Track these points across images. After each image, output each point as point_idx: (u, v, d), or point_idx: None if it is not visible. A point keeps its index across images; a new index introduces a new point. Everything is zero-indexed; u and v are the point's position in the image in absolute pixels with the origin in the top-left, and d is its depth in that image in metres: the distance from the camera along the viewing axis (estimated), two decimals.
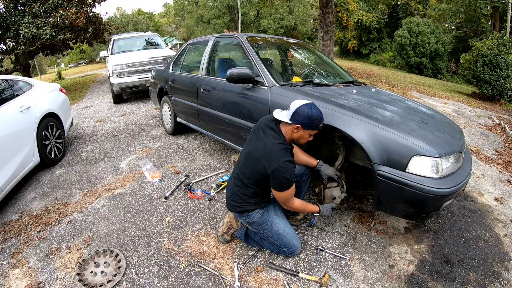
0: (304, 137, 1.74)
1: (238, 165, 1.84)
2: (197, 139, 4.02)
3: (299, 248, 1.88)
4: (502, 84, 8.56)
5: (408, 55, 18.19)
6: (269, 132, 1.72)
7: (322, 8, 7.56)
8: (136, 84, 5.91)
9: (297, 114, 1.66)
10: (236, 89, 2.60)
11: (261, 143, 1.69)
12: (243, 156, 1.80)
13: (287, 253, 1.87)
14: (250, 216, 1.80)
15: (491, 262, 1.91)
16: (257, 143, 1.72)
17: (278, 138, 1.68)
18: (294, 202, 1.75)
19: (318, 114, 1.68)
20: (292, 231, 1.87)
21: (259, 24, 33.37)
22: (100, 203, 2.58)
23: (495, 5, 18.19)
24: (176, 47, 29.78)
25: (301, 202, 1.80)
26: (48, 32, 7.54)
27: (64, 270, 1.86)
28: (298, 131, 1.70)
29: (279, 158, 1.59)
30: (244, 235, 1.97)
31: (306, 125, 1.67)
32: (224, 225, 2.03)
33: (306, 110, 1.66)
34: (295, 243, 1.84)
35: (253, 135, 1.81)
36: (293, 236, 1.85)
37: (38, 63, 27.18)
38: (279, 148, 1.63)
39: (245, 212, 1.80)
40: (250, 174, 1.71)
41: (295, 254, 1.89)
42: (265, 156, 1.63)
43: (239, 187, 1.78)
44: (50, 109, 3.49)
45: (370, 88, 2.74)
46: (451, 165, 1.69)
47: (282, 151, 1.62)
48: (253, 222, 1.81)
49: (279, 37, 3.64)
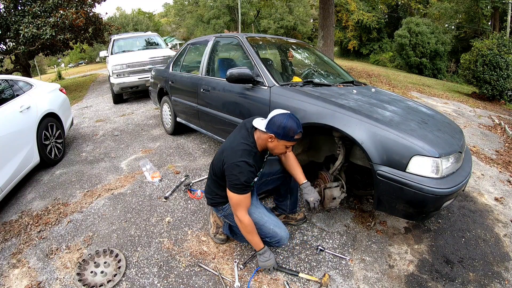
0: (279, 147, 1.67)
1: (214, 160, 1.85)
2: (197, 139, 4.02)
3: (285, 237, 1.73)
4: (502, 84, 8.56)
5: (408, 55, 18.19)
6: (242, 132, 1.73)
7: (322, 8, 7.56)
8: (136, 84, 5.91)
9: (271, 123, 1.62)
10: (236, 89, 2.60)
11: (230, 139, 1.73)
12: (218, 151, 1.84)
13: (272, 244, 1.76)
14: (224, 209, 1.81)
15: (491, 262, 1.91)
16: (228, 138, 1.76)
17: (246, 139, 1.67)
18: (245, 216, 1.62)
19: (293, 125, 1.60)
20: (272, 219, 1.76)
21: (259, 24, 33.37)
22: (100, 203, 2.58)
23: (495, 5, 18.19)
24: (176, 47, 29.80)
25: (251, 223, 1.64)
26: (48, 32, 7.54)
27: (64, 270, 1.86)
28: (272, 141, 1.64)
29: (237, 155, 1.59)
30: (229, 230, 1.96)
31: (280, 135, 1.61)
32: (212, 226, 2.07)
33: (280, 119, 1.61)
34: (277, 231, 1.72)
35: (232, 132, 1.84)
36: (273, 224, 1.74)
37: (38, 63, 27.17)
38: (242, 147, 1.62)
39: (218, 205, 1.82)
40: (215, 167, 1.73)
41: (283, 243, 1.75)
42: (226, 150, 1.66)
43: (211, 181, 1.83)
44: (50, 109, 3.49)
45: (370, 88, 2.74)
46: (451, 165, 1.69)
47: (244, 151, 1.61)
48: (228, 214, 1.81)
49: (279, 37, 3.64)
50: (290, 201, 2.12)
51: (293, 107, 2.11)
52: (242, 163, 1.56)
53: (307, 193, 1.82)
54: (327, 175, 2.07)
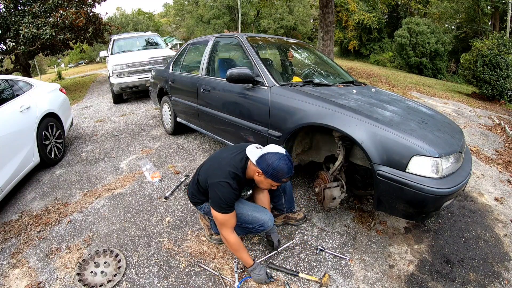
0: (264, 184, 1.63)
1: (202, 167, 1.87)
2: (197, 139, 4.02)
3: (267, 219, 1.73)
4: (502, 84, 8.57)
5: (408, 55, 18.19)
6: (237, 156, 1.69)
7: (322, 8, 7.55)
8: (136, 84, 5.91)
9: (263, 159, 1.57)
10: (236, 89, 2.60)
11: (223, 156, 1.72)
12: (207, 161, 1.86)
13: (255, 230, 1.76)
14: (203, 207, 1.90)
15: (491, 262, 1.91)
16: (222, 154, 1.77)
17: (237, 164, 1.65)
18: (230, 235, 1.61)
19: (283, 169, 1.54)
20: (249, 205, 1.78)
21: (259, 24, 33.37)
22: (100, 203, 2.58)
23: (495, 5, 18.19)
24: (176, 47, 29.80)
25: (238, 241, 1.62)
26: (48, 32, 7.53)
27: (64, 270, 1.86)
28: (259, 175, 1.61)
29: (222, 175, 1.58)
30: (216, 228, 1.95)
31: (268, 173, 1.56)
32: (205, 229, 2.10)
33: (273, 159, 1.55)
34: (256, 215, 1.72)
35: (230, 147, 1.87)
36: (251, 209, 1.75)
37: (38, 63, 27.18)
38: (229, 169, 1.60)
39: (197, 204, 1.92)
40: (201, 178, 1.76)
41: (266, 226, 1.76)
42: (214, 166, 1.68)
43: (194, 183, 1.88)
44: (50, 109, 3.49)
45: (370, 88, 2.74)
46: (451, 165, 1.69)
47: (229, 173, 1.59)
48: (208, 212, 1.87)
49: (279, 37, 3.64)
50: (285, 199, 2.13)
51: (293, 107, 2.11)
52: (225, 184, 1.56)
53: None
54: (327, 175, 2.07)
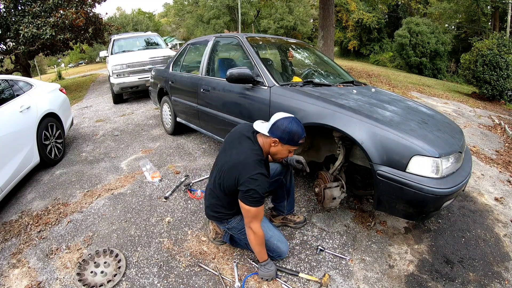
0: (282, 152, 1.64)
1: (212, 176, 1.77)
2: (197, 139, 4.02)
3: (285, 252, 1.81)
4: (502, 84, 8.56)
5: (408, 55, 18.19)
6: (245, 142, 1.65)
7: (322, 8, 7.56)
8: (136, 84, 5.91)
9: (275, 127, 1.58)
10: (236, 89, 2.60)
11: (236, 152, 1.63)
12: (218, 167, 1.72)
13: (273, 257, 1.80)
14: (229, 222, 1.78)
15: (491, 262, 1.91)
16: (231, 153, 1.65)
17: (254, 149, 1.61)
18: (259, 228, 1.61)
19: (298, 129, 1.58)
20: (276, 234, 1.80)
21: (259, 24, 33.36)
22: (100, 203, 2.58)
23: (495, 5, 18.19)
24: (176, 47, 29.79)
25: (262, 236, 1.63)
26: (48, 32, 7.53)
27: (64, 270, 1.86)
28: (275, 145, 1.61)
29: (252, 169, 1.52)
30: (230, 239, 1.95)
31: (284, 139, 1.58)
32: (211, 232, 2.05)
33: (285, 123, 1.57)
34: (280, 246, 1.77)
35: (228, 145, 1.74)
36: (277, 239, 1.77)
37: (38, 63, 27.16)
38: (254, 159, 1.56)
39: (223, 220, 1.78)
40: (225, 185, 1.63)
41: (282, 257, 1.84)
42: (237, 165, 1.56)
43: (216, 199, 1.73)
44: (50, 109, 3.49)
45: (370, 88, 2.74)
46: (451, 165, 1.69)
47: (256, 162, 1.55)
48: (233, 227, 1.79)
49: (279, 37, 3.64)
50: (287, 202, 2.12)
51: (293, 107, 2.11)
52: (259, 176, 1.51)
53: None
54: (327, 175, 2.06)
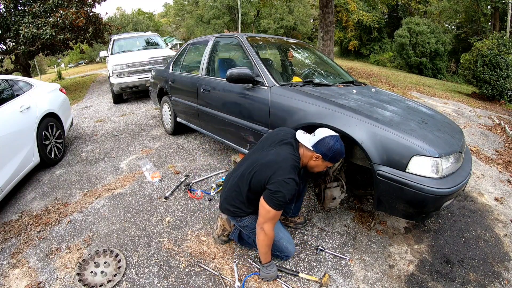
0: (320, 167, 1.70)
1: (240, 169, 1.73)
2: (197, 139, 4.02)
3: (293, 253, 1.87)
4: (502, 84, 8.57)
5: (408, 55, 18.19)
6: (286, 146, 1.68)
7: (322, 8, 7.55)
8: (136, 84, 5.91)
9: (321, 144, 1.62)
10: (236, 89, 2.60)
11: (275, 152, 1.64)
12: (250, 161, 1.70)
13: (281, 257, 1.86)
14: (243, 220, 1.77)
15: (491, 262, 1.91)
16: (269, 151, 1.66)
17: (294, 155, 1.64)
18: (272, 230, 1.63)
19: (342, 149, 1.64)
20: (286, 235, 1.84)
21: (259, 24, 33.36)
22: (100, 203, 2.58)
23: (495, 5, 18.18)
24: (176, 47, 29.79)
25: (272, 238, 1.65)
26: (48, 32, 7.53)
27: (64, 270, 1.86)
28: (317, 160, 1.66)
29: (287, 172, 1.54)
30: (238, 237, 1.95)
31: (327, 157, 1.63)
32: (218, 228, 2.03)
33: (331, 142, 1.61)
34: (288, 247, 1.82)
35: (266, 142, 1.75)
36: (287, 240, 1.82)
37: (38, 63, 27.16)
38: (291, 163, 1.58)
39: (237, 216, 1.77)
40: (254, 180, 1.62)
41: (289, 258, 1.89)
42: (274, 165, 1.57)
43: (237, 192, 1.72)
44: (50, 109, 3.49)
45: (370, 88, 2.74)
46: (451, 165, 1.69)
47: (293, 167, 1.57)
48: (246, 226, 1.78)
49: (279, 37, 3.64)
50: (295, 205, 2.11)
51: (293, 107, 2.11)
52: (291, 181, 1.52)
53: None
54: (327, 175, 2.07)
